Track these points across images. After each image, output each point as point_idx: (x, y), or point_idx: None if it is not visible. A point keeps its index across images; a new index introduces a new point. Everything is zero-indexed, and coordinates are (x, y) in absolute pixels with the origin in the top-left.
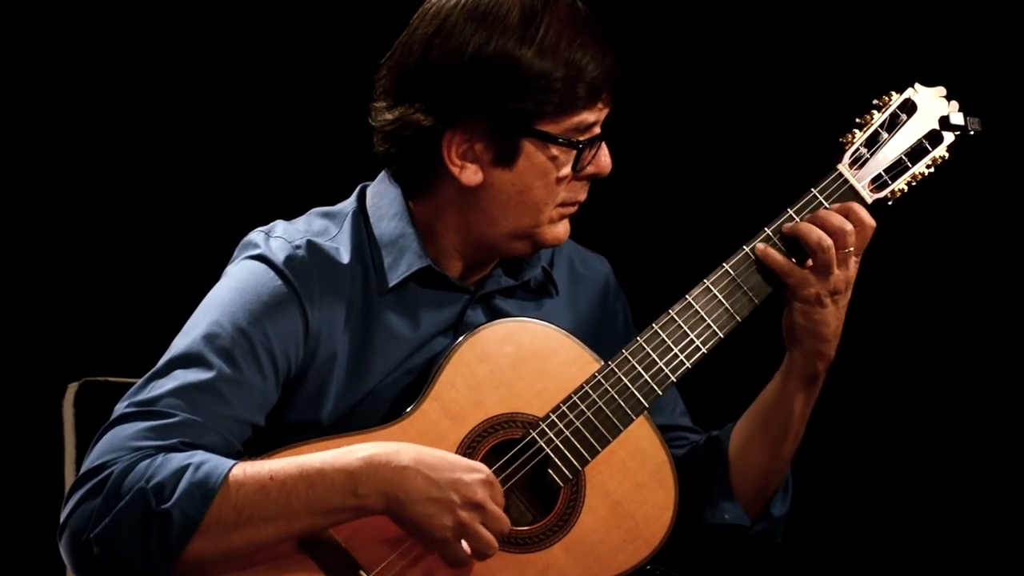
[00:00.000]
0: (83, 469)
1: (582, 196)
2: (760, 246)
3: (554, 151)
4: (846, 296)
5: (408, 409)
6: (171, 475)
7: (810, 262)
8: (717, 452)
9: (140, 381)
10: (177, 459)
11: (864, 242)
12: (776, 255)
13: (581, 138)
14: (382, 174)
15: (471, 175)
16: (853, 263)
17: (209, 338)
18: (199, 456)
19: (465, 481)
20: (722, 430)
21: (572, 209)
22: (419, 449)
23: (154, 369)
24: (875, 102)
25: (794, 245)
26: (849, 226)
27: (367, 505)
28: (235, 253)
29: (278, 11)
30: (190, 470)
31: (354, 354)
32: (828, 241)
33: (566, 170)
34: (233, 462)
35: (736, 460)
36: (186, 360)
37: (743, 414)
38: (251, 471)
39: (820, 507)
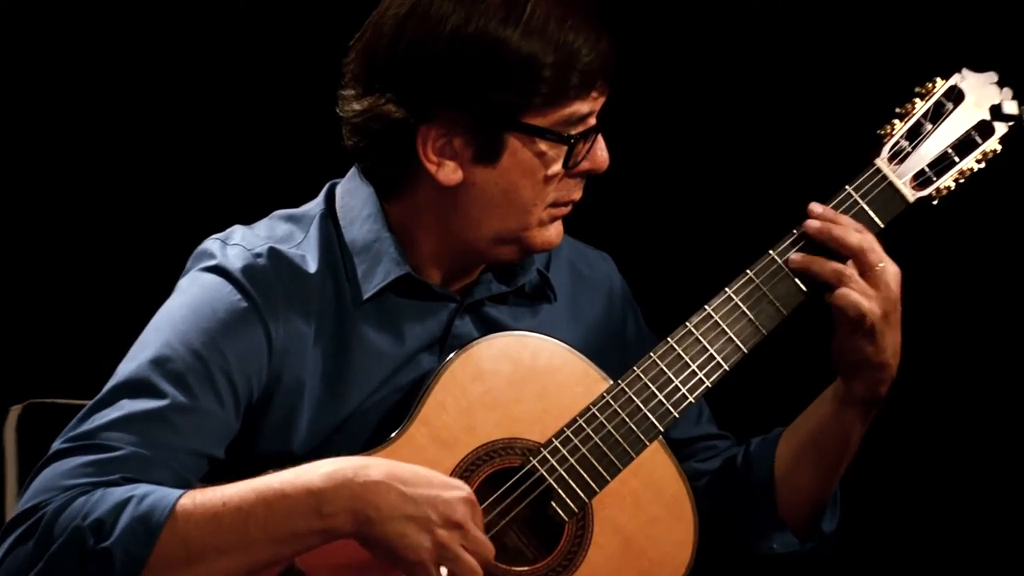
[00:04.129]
0: (15, 512)
1: (576, 195)
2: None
3: (542, 146)
4: (897, 312)
5: (392, 434)
6: (111, 510)
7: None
8: (760, 473)
9: (80, 412)
10: (117, 493)
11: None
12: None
13: (573, 131)
14: (352, 171)
15: (449, 173)
16: (891, 274)
17: (158, 362)
18: (142, 488)
19: (444, 498)
20: (761, 443)
21: (565, 210)
22: (390, 463)
23: (96, 398)
24: (917, 90)
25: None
26: (869, 237)
27: (334, 526)
28: (188, 264)
29: None
30: (132, 503)
31: (328, 375)
32: (847, 272)
33: (556, 167)
34: (181, 492)
35: (784, 485)
36: (132, 387)
37: (788, 431)
38: (202, 499)
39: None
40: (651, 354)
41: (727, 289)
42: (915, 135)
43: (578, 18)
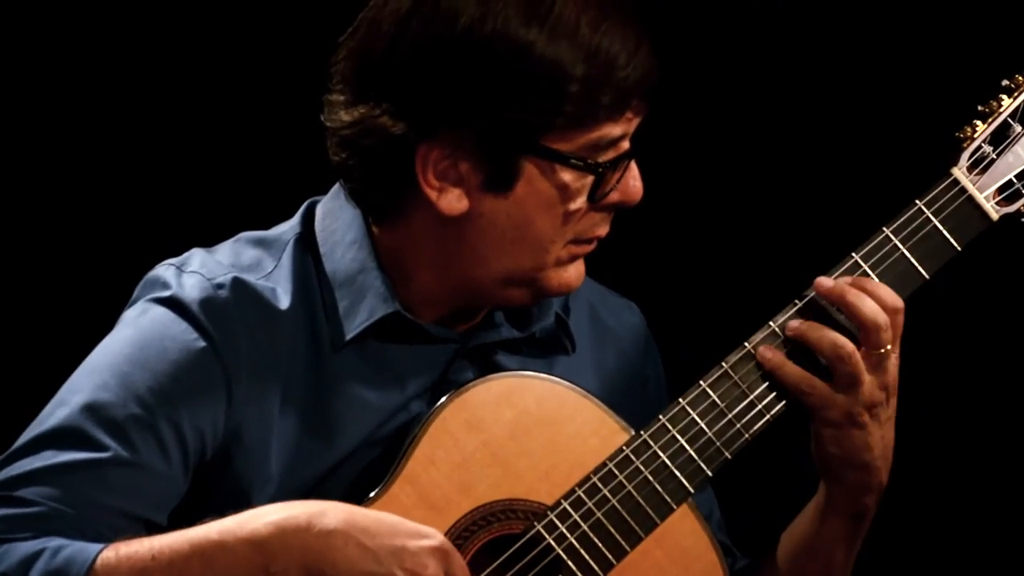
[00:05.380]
0: None
1: (602, 230)
2: (766, 351)
3: (564, 175)
4: (890, 406)
5: (372, 494)
6: (17, 565)
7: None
8: None
9: None
10: (26, 546)
11: (899, 329)
12: (789, 370)
13: (602, 158)
14: (336, 188)
15: (452, 201)
16: (893, 362)
17: (93, 408)
18: (56, 541)
19: (411, 550)
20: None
21: (588, 248)
22: (349, 509)
23: (14, 447)
24: (1005, 83)
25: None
26: (884, 316)
27: None
28: (135, 293)
29: None
30: (44, 557)
31: (301, 430)
32: (848, 348)
33: (580, 200)
34: (102, 545)
35: None
36: (60, 436)
37: (779, 549)
38: (127, 552)
39: None
40: (680, 400)
41: (772, 324)
42: (1001, 139)
43: (614, 20)
